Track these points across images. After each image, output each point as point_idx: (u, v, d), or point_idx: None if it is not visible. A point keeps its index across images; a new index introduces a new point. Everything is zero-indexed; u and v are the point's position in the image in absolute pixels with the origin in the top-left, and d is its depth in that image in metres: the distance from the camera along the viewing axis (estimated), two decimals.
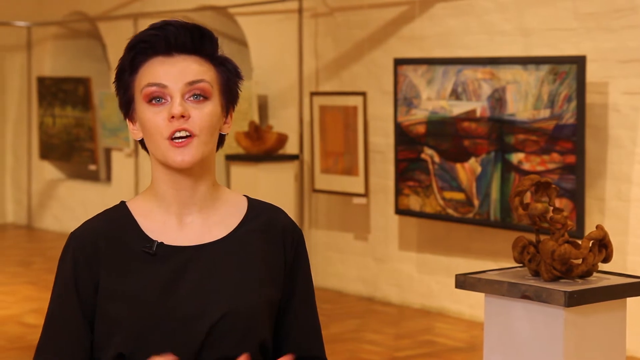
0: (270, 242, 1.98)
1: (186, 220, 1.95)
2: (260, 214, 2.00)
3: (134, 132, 1.95)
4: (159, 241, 1.92)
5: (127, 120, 1.97)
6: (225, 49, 2.01)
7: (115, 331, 1.89)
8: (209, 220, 1.96)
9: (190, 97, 1.89)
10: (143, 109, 1.90)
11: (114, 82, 1.96)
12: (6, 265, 8.91)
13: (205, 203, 1.96)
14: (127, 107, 1.95)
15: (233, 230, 1.97)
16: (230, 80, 1.96)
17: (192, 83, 1.89)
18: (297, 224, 2.06)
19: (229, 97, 1.96)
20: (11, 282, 8.13)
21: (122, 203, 1.99)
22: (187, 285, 1.90)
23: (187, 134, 1.88)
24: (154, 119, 1.88)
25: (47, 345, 1.94)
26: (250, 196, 2.06)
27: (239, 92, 1.99)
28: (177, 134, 1.88)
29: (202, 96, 1.90)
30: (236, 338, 1.90)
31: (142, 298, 1.88)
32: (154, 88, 1.89)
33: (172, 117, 1.87)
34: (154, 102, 1.89)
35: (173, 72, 1.89)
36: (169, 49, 1.90)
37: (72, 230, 1.98)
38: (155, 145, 1.90)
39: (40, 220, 11.05)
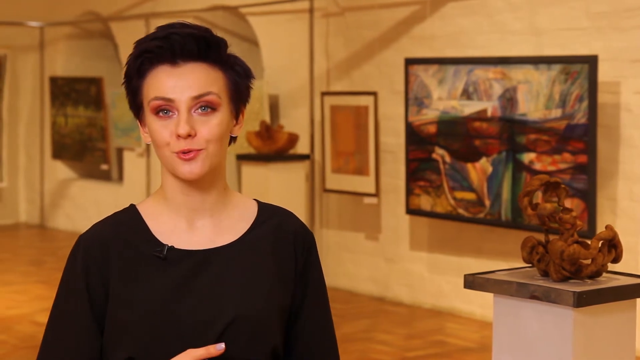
0: (281, 247, 1.97)
1: (197, 224, 1.93)
2: (270, 218, 1.99)
3: (145, 135, 1.95)
4: (170, 245, 1.91)
5: (138, 122, 1.96)
6: (237, 48, 1.99)
7: (124, 335, 1.88)
8: (219, 225, 1.94)
9: (197, 109, 1.88)
10: (151, 120, 1.89)
11: (122, 84, 1.96)
12: (18, 265, 8.94)
13: (217, 207, 1.94)
14: (137, 111, 1.94)
15: (243, 235, 1.95)
16: (239, 84, 1.93)
17: (198, 97, 1.87)
18: (308, 224, 2.05)
19: (239, 100, 1.94)
20: (23, 281, 8.16)
21: (132, 206, 1.97)
22: (197, 290, 1.89)
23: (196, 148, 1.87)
24: (161, 132, 1.87)
25: (53, 348, 1.92)
26: (260, 199, 2.04)
27: (250, 91, 1.96)
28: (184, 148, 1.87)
29: (209, 107, 1.88)
30: (245, 343, 1.88)
31: (152, 302, 1.87)
32: (160, 102, 1.87)
33: (178, 135, 1.86)
34: (161, 114, 1.88)
35: (179, 85, 1.87)
36: (175, 58, 1.88)
37: (81, 233, 1.97)
38: (163, 157, 1.89)
39: (53, 220, 11.08)
